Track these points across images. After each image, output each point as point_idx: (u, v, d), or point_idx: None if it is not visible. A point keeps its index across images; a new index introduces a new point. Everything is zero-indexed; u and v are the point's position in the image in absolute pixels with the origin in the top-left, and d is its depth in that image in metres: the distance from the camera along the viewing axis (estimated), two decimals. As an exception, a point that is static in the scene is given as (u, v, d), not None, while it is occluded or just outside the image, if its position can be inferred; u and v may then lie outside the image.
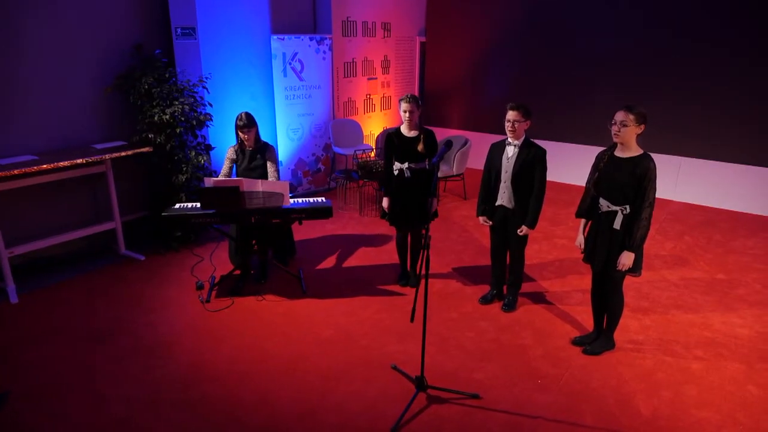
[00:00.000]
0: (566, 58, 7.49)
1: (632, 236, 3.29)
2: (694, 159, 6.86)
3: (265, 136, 6.79)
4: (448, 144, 3.32)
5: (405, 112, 4.17)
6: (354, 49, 7.56)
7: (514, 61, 7.95)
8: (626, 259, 3.32)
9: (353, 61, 7.59)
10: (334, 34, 7.13)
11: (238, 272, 4.69)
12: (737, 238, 5.81)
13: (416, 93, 9.09)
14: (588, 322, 4.01)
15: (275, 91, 6.65)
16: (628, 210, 3.31)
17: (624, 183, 3.28)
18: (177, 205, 4.39)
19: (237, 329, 4.01)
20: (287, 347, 3.78)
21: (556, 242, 5.65)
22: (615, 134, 3.30)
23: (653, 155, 3.34)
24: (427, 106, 9.02)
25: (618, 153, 3.37)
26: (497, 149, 4.04)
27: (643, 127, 3.28)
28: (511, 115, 3.86)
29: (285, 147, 6.91)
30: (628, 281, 4.69)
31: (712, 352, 3.73)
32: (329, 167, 7.39)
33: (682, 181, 7.00)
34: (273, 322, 4.10)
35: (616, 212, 3.35)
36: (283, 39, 6.51)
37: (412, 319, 2.92)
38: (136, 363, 3.59)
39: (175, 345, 3.81)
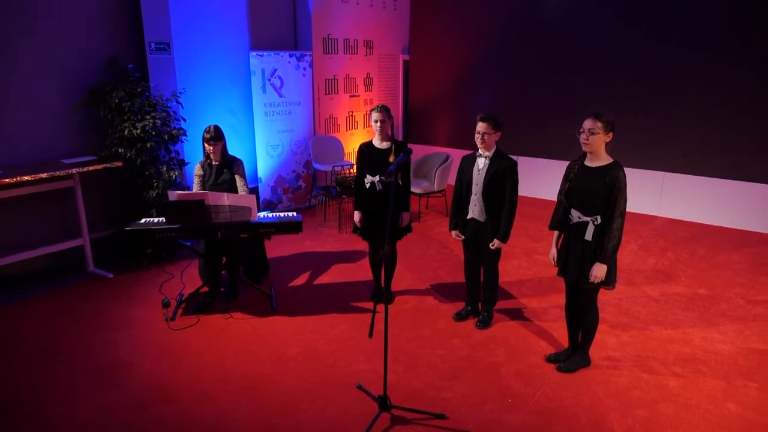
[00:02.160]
0: (549, 74, 7.48)
1: (603, 247, 3.19)
2: (678, 174, 6.81)
3: (244, 152, 6.76)
4: (407, 151, 3.24)
5: (376, 122, 4.10)
6: (335, 67, 7.54)
7: (496, 79, 7.94)
8: (598, 270, 3.22)
9: (335, 78, 7.57)
10: (315, 51, 7.11)
11: (205, 289, 4.55)
12: (721, 252, 5.71)
13: (400, 111, 9.07)
14: (565, 339, 3.87)
15: (254, 107, 6.60)
16: (599, 220, 3.22)
17: (594, 192, 3.20)
18: (143, 220, 4.28)
19: (200, 348, 3.87)
20: (250, 366, 3.63)
21: (537, 258, 5.54)
22: (584, 142, 3.23)
23: (637, 171, 3.28)
24: (411, 123, 8.99)
25: (588, 162, 3.29)
26: (468, 162, 3.97)
27: (611, 135, 3.21)
28: (480, 126, 3.79)
29: (265, 163, 6.83)
30: (609, 297, 4.59)
31: (691, 369, 3.60)
32: (310, 184, 7.31)
33: (666, 196, 6.93)
34: (238, 340, 3.96)
35: (587, 223, 3.26)
36: (262, 55, 6.48)
37: (370, 335, 2.79)
38: (91, 384, 3.43)
39: (134, 365, 3.65)
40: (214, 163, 4.39)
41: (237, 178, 4.45)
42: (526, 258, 5.56)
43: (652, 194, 6.98)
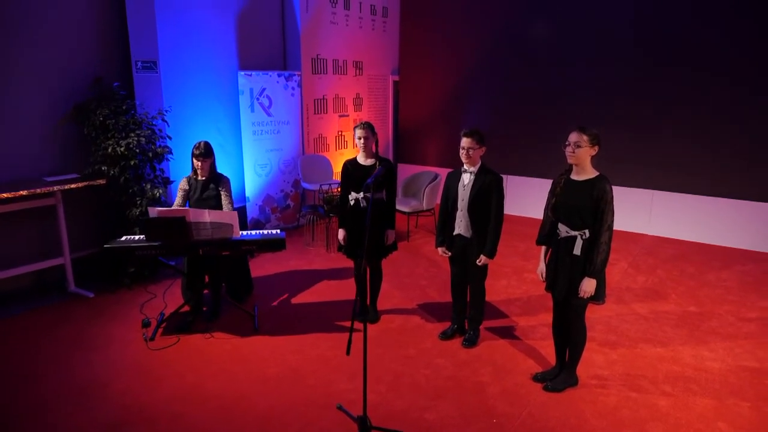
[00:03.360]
0: (538, 94, 7.52)
1: (592, 262, 3.14)
2: (667, 192, 6.80)
3: (232, 171, 6.72)
4: (386, 165, 3.21)
5: (359, 138, 4.08)
6: (324, 86, 7.56)
7: (486, 98, 7.98)
8: (588, 285, 3.16)
9: (324, 98, 7.58)
10: (304, 71, 7.14)
11: (187, 308, 4.45)
12: (711, 270, 5.67)
13: (390, 131, 9.08)
14: (553, 357, 3.79)
15: (242, 126, 6.58)
16: (587, 235, 3.18)
17: (581, 206, 3.16)
18: (123, 237, 4.21)
19: (179, 368, 3.76)
20: (229, 386, 3.53)
21: (526, 277, 5.48)
22: (570, 155, 3.21)
23: (626, 189, 3.25)
24: (401, 143, 9.00)
25: (574, 176, 3.26)
26: (453, 177, 3.93)
27: (596, 148, 3.19)
28: (465, 142, 3.77)
29: (253, 183, 6.79)
30: (598, 315, 4.53)
31: (681, 387, 3.51)
32: (299, 204, 7.26)
33: (656, 214, 6.91)
34: (218, 361, 3.85)
35: (575, 237, 3.21)
36: (251, 75, 6.49)
37: (347, 352, 2.71)
38: (63, 405, 3.32)
39: (108, 386, 3.54)
40: (200, 178, 4.35)
41: (222, 195, 4.40)
42: (516, 276, 5.50)
43: (642, 212, 6.97)
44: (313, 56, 7.29)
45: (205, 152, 4.30)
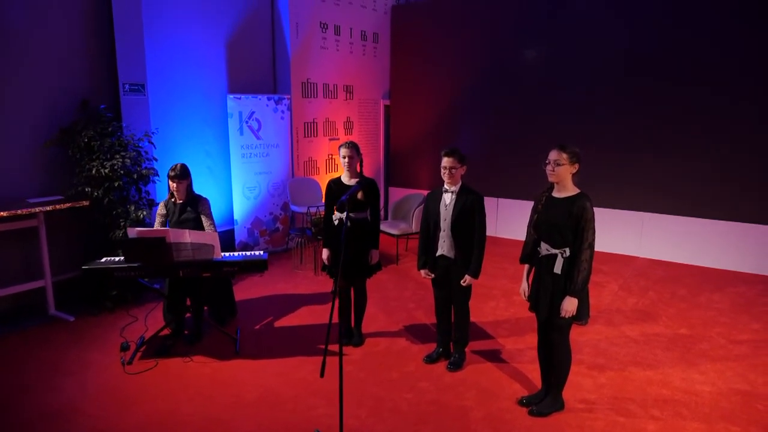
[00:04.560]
0: (527, 117, 7.55)
1: (573, 280, 3.08)
2: (658, 214, 6.77)
3: (220, 194, 6.69)
4: (361, 182, 3.19)
5: (344, 158, 4.06)
6: (314, 110, 7.60)
7: (476, 123, 8.01)
8: (568, 304, 3.10)
9: (314, 122, 7.61)
10: (294, 95, 7.18)
11: (167, 331, 4.36)
12: (702, 292, 5.60)
13: (381, 154, 9.10)
14: (540, 381, 3.70)
15: (231, 149, 6.58)
16: (567, 253, 3.13)
17: (561, 224, 3.12)
18: (103, 259, 4.15)
19: (154, 392, 3.65)
20: (205, 410, 3.42)
21: (515, 300, 5.40)
22: (550, 174, 3.18)
23: (617, 211, 3.21)
24: (392, 167, 9.01)
25: (555, 193, 3.23)
26: (434, 197, 3.90)
27: (577, 166, 3.16)
28: (446, 161, 3.75)
29: (241, 205, 6.76)
30: (586, 338, 4.45)
31: (670, 411, 3.42)
32: (287, 227, 7.21)
33: (647, 237, 6.87)
34: (195, 384, 3.75)
35: (556, 256, 3.16)
36: (240, 98, 6.52)
37: (321, 374, 2.63)
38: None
39: (79, 411, 3.43)
40: (178, 201, 4.30)
41: (203, 218, 4.35)
42: (504, 299, 5.42)
43: (633, 235, 6.92)
44: (303, 80, 7.34)
45: (181, 174, 4.24)
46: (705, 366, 4.01)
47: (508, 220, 7.80)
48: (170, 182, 4.24)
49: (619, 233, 6.95)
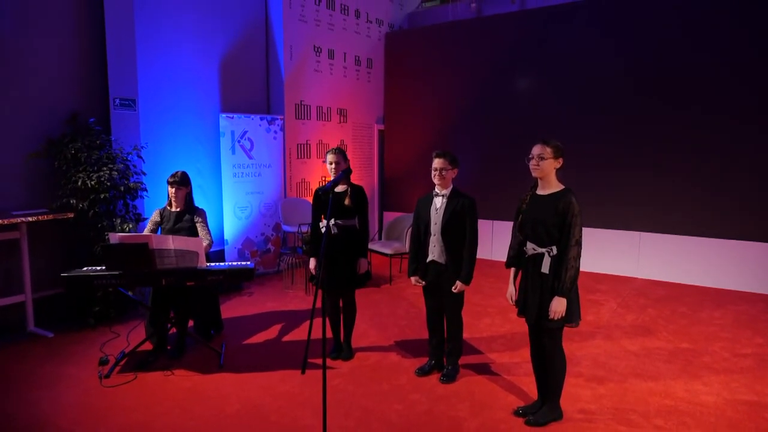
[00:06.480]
0: (521, 139, 7.53)
1: (561, 279, 2.96)
2: (655, 234, 6.68)
3: (210, 213, 6.59)
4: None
5: (330, 163, 4.00)
6: (308, 132, 7.59)
7: (469, 146, 8.00)
8: (557, 305, 2.97)
9: (307, 143, 7.60)
10: (287, 116, 7.18)
11: (149, 346, 4.18)
12: (703, 310, 5.45)
13: (376, 178, 9.06)
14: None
15: (222, 167, 6.53)
16: (554, 251, 3.02)
17: (547, 221, 3.02)
18: (84, 268, 4.02)
19: (131, 405, 3.46)
20: (183, 423, 3.23)
21: (510, 317, 5.24)
22: (534, 168, 3.12)
23: (613, 231, 3.12)
24: (386, 191, 8.96)
25: (539, 191, 3.16)
26: (424, 202, 3.81)
27: (561, 161, 3.10)
28: (437, 162, 3.69)
29: (232, 225, 6.65)
30: (584, 351, 4.29)
31: (675, 421, 3.24)
32: (279, 248, 7.08)
33: (644, 256, 6.75)
34: (174, 397, 3.56)
35: (542, 254, 3.05)
36: (232, 117, 6.51)
37: (303, 371, 2.48)
38: (-5, 444, 3.02)
39: (51, 424, 3.24)
40: (175, 209, 4.23)
41: (199, 226, 4.27)
42: (500, 316, 5.26)
43: (630, 255, 6.81)
44: (297, 102, 7.36)
45: (181, 180, 4.24)
46: (708, 378, 3.85)
47: (504, 243, 7.65)
48: (169, 188, 4.21)
49: (616, 254, 6.85)
